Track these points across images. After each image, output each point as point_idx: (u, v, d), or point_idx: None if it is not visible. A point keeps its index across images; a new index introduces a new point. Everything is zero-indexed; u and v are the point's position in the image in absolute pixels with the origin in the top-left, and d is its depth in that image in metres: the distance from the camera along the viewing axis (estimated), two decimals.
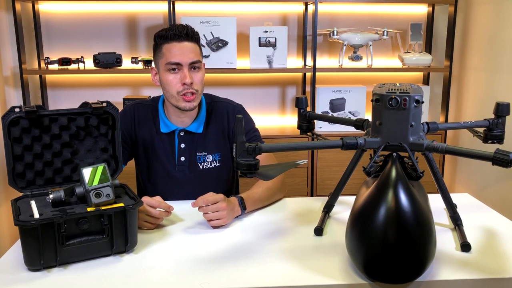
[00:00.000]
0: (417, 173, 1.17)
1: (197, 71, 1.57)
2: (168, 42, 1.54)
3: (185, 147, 1.65)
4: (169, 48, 1.54)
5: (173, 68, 1.54)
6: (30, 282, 1.08)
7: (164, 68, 1.55)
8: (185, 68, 1.54)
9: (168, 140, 1.65)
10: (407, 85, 1.21)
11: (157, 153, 1.65)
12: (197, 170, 1.66)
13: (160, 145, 1.65)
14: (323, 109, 2.80)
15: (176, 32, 1.53)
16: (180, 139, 1.65)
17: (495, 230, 1.34)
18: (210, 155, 1.66)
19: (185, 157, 1.65)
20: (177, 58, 1.52)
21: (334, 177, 2.74)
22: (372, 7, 2.92)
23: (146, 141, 1.66)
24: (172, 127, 1.64)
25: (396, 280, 1.02)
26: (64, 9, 2.77)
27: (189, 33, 1.54)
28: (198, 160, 1.66)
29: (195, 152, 1.65)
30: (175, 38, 1.53)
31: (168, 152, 1.65)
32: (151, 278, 1.09)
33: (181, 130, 1.64)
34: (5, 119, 1.21)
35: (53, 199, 1.20)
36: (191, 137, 1.65)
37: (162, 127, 1.65)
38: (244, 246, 1.24)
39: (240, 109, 1.72)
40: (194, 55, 1.55)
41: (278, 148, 1.13)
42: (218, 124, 1.68)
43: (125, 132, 1.64)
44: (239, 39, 2.81)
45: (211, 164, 1.67)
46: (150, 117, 1.67)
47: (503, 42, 2.45)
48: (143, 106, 1.69)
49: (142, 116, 1.67)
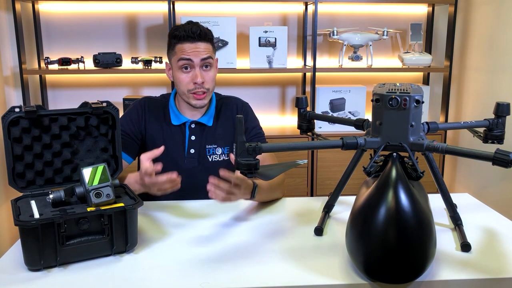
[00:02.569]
0: (417, 173, 1.17)
1: (209, 69, 1.61)
2: (182, 42, 1.58)
3: (196, 139, 1.67)
4: (181, 48, 1.58)
5: (185, 66, 1.58)
6: (30, 282, 1.08)
7: (176, 66, 1.60)
8: (197, 67, 1.58)
9: (179, 132, 1.68)
10: (407, 85, 1.21)
11: (167, 145, 1.66)
12: (206, 162, 1.68)
13: (170, 137, 1.67)
14: (323, 109, 2.80)
15: (189, 33, 1.56)
16: (191, 131, 1.68)
17: (495, 230, 1.34)
18: (219, 148, 1.69)
19: (195, 149, 1.67)
20: (189, 55, 1.57)
21: (334, 177, 2.74)
22: (372, 7, 2.92)
23: (155, 133, 1.68)
24: (184, 119, 1.68)
25: (396, 280, 1.02)
26: (64, 9, 2.77)
27: (202, 34, 1.58)
28: (208, 153, 1.68)
29: (205, 145, 1.68)
30: (188, 40, 1.57)
31: (178, 144, 1.67)
32: (151, 278, 1.09)
33: (192, 122, 1.68)
34: (5, 119, 1.21)
35: (53, 199, 1.20)
36: (202, 129, 1.68)
37: (173, 119, 1.68)
38: (244, 246, 1.24)
39: (248, 106, 1.78)
40: (205, 52, 1.59)
41: (278, 148, 1.13)
42: (228, 119, 1.72)
43: (135, 126, 1.67)
44: (239, 39, 2.81)
45: (220, 157, 1.69)
46: (160, 110, 1.70)
47: (503, 42, 2.45)
48: (152, 100, 1.73)
49: (152, 108, 1.70)
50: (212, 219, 1.44)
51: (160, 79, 2.89)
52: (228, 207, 1.50)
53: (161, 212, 1.50)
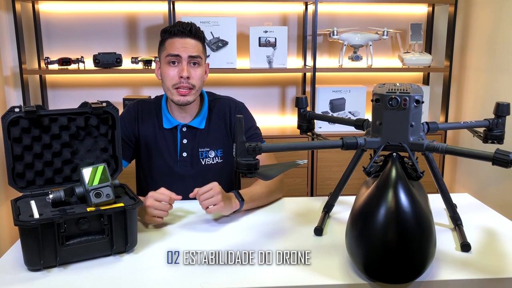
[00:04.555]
0: (417, 173, 1.16)
1: (197, 67, 1.59)
2: (172, 37, 1.57)
3: (188, 142, 1.66)
4: (171, 42, 1.57)
5: (173, 61, 1.56)
6: (30, 282, 1.08)
7: (164, 61, 1.59)
8: (184, 62, 1.56)
9: (170, 135, 1.66)
10: (407, 85, 1.21)
11: (160, 149, 1.66)
12: (199, 166, 1.66)
13: (162, 141, 1.66)
14: (323, 109, 2.80)
15: (180, 28, 1.56)
16: (183, 135, 1.66)
17: (495, 230, 1.34)
18: (212, 151, 1.68)
19: (187, 152, 1.66)
20: (177, 50, 1.55)
21: (334, 177, 2.74)
22: (372, 7, 2.92)
23: (148, 137, 1.67)
24: (175, 123, 1.66)
25: (396, 280, 1.02)
26: (64, 9, 2.77)
27: (193, 30, 1.57)
28: (201, 156, 1.67)
29: (197, 148, 1.66)
30: (178, 34, 1.56)
31: (171, 148, 1.66)
32: (151, 278, 1.09)
33: (184, 126, 1.66)
34: (5, 119, 1.21)
35: (53, 199, 1.20)
36: (194, 132, 1.67)
37: (165, 123, 1.66)
38: (244, 246, 1.24)
39: (241, 106, 1.74)
40: (194, 50, 1.57)
41: (278, 148, 1.13)
42: (221, 121, 1.70)
43: (129, 129, 1.66)
44: (239, 39, 2.81)
45: (213, 160, 1.68)
46: (153, 113, 1.69)
47: (503, 42, 2.45)
48: (146, 103, 1.71)
49: (145, 112, 1.69)
50: (212, 219, 1.44)
51: None
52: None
53: None
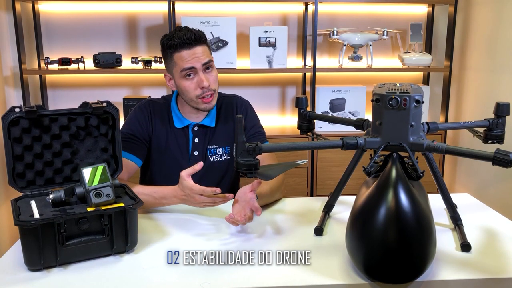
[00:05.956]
0: (417, 173, 1.17)
1: (211, 71, 1.61)
2: (178, 51, 1.56)
3: (199, 141, 1.68)
4: (180, 56, 1.56)
5: (189, 74, 1.57)
6: (30, 282, 1.08)
7: (179, 76, 1.58)
8: (200, 72, 1.57)
9: (182, 135, 1.68)
10: (407, 85, 1.21)
11: (171, 148, 1.67)
12: (207, 163, 1.68)
13: (173, 140, 1.67)
14: (323, 109, 2.80)
15: (184, 40, 1.54)
16: (194, 134, 1.68)
17: (495, 230, 1.34)
18: (220, 148, 1.70)
19: (198, 151, 1.68)
20: (190, 63, 1.55)
21: (334, 177, 2.74)
22: (372, 7, 2.92)
23: (160, 136, 1.68)
24: (187, 122, 1.68)
25: (396, 280, 1.02)
26: (64, 9, 2.77)
27: (197, 37, 1.57)
28: (209, 153, 1.69)
29: (206, 146, 1.69)
30: (184, 47, 1.55)
31: (182, 147, 1.68)
32: (151, 278, 1.09)
33: (195, 125, 1.68)
34: (5, 119, 1.21)
35: (53, 199, 1.20)
36: (204, 131, 1.69)
37: (176, 123, 1.68)
38: (244, 246, 1.24)
39: (247, 104, 1.78)
40: (205, 56, 1.58)
41: (278, 148, 1.13)
42: (228, 118, 1.72)
43: (144, 128, 1.66)
44: (239, 39, 2.81)
45: (221, 157, 1.70)
46: (164, 113, 1.70)
47: (503, 42, 2.45)
48: (156, 103, 1.72)
49: (156, 111, 1.70)
50: (212, 219, 1.44)
51: (160, 79, 2.89)
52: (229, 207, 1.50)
53: (161, 212, 1.50)
